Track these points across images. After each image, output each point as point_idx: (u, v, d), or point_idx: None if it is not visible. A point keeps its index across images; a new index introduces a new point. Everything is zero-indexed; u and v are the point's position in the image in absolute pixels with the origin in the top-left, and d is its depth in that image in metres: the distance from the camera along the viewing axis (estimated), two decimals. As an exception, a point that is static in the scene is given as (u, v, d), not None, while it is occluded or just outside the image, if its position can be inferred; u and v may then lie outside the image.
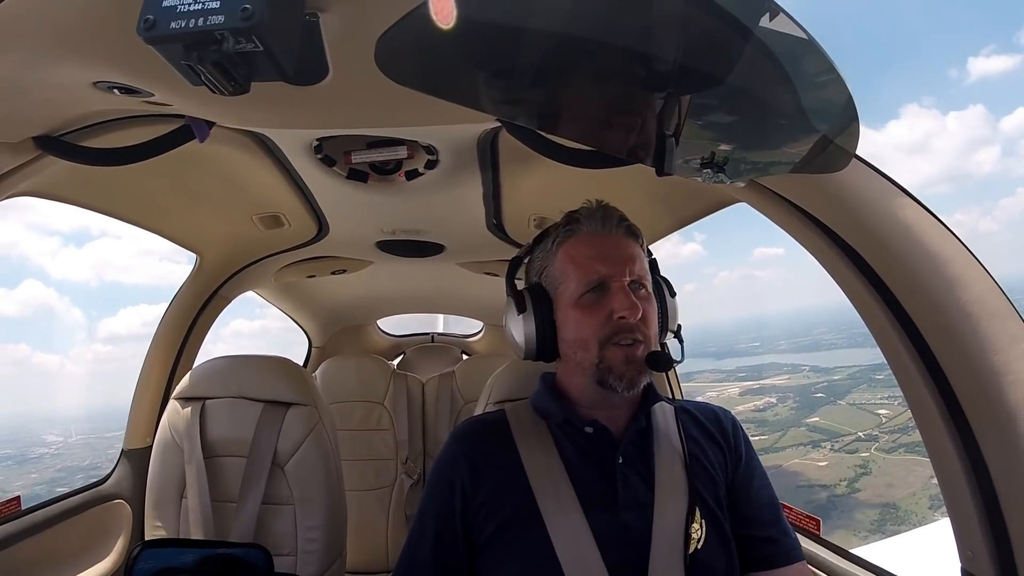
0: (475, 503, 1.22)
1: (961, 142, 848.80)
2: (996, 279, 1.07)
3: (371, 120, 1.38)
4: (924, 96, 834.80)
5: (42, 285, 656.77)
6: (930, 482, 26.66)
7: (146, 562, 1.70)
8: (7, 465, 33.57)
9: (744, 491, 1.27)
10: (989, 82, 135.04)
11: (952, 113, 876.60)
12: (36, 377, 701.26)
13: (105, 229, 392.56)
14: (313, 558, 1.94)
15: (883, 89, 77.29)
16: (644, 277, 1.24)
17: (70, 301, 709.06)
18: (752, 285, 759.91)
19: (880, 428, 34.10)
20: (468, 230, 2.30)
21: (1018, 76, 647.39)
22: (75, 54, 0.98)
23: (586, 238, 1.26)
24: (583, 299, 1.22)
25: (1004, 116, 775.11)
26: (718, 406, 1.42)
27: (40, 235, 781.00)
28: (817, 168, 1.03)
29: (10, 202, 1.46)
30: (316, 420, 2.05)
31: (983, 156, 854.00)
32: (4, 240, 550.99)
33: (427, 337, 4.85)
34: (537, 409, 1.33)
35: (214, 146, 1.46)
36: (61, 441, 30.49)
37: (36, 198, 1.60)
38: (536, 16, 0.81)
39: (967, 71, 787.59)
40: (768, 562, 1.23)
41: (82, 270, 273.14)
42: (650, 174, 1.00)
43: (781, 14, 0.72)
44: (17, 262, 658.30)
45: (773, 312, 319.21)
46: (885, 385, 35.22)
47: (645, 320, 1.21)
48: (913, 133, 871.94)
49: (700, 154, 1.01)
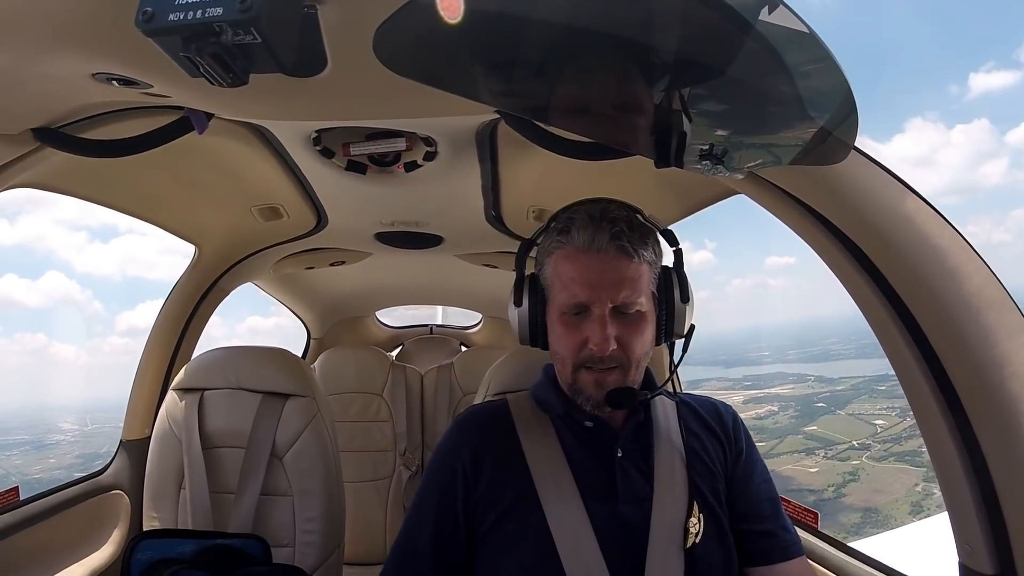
0: (476, 492, 1.23)
1: (968, 155, 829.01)
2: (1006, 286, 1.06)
3: (370, 112, 1.38)
4: (928, 111, 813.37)
5: (65, 277, 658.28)
6: (914, 489, 27.50)
7: (144, 553, 1.70)
8: (25, 450, 34.21)
9: (744, 486, 1.28)
10: (991, 97, 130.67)
11: (959, 126, 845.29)
12: (52, 367, 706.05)
13: (132, 227, 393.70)
14: (311, 549, 1.94)
15: (886, 103, 74.92)
16: (632, 300, 1.18)
17: (92, 294, 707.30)
18: (764, 294, 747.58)
19: (874, 438, 34.68)
20: (467, 222, 2.29)
21: (1018, 91, 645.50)
22: (74, 46, 0.98)
23: (573, 255, 1.20)
24: (564, 317, 1.21)
25: (1010, 129, 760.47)
26: (719, 400, 1.42)
27: (68, 230, 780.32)
28: (816, 160, 1.02)
29: (41, 198, 1.46)
30: (315, 411, 2.05)
31: (990, 168, 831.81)
32: (32, 234, 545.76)
33: (426, 329, 4.86)
34: (538, 400, 1.33)
35: (213, 138, 1.45)
36: (77, 429, 30.76)
37: (38, 190, 1.60)
38: (536, 7, 0.81)
39: (968, 87, 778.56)
40: (767, 557, 1.23)
41: (106, 264, 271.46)
42: (649, 165, 1.00)
43: (781, 6, 0.72)
44: (42, 255, 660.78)
45: (784, 321, 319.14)
46: (886, 396, 35.82)
47: (624, 347, 1.18)
48: (919, 147, 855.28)
49: (699, 146, 1.00)
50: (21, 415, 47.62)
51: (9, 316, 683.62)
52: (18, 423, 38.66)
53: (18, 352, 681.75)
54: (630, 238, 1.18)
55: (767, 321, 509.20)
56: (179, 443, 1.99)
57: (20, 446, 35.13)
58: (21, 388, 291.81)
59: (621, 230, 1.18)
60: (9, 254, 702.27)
